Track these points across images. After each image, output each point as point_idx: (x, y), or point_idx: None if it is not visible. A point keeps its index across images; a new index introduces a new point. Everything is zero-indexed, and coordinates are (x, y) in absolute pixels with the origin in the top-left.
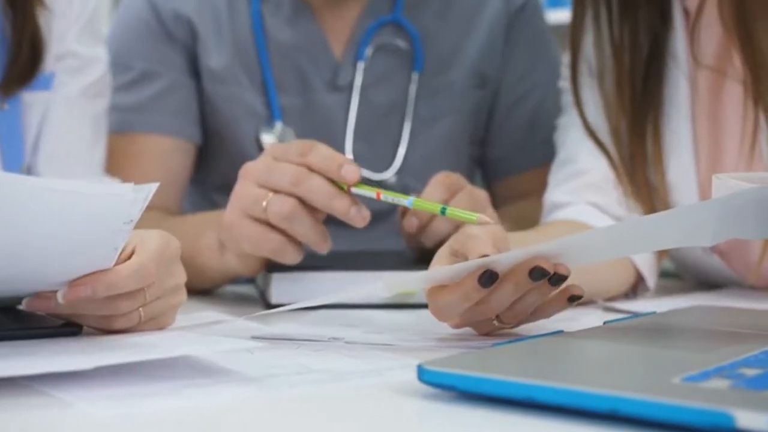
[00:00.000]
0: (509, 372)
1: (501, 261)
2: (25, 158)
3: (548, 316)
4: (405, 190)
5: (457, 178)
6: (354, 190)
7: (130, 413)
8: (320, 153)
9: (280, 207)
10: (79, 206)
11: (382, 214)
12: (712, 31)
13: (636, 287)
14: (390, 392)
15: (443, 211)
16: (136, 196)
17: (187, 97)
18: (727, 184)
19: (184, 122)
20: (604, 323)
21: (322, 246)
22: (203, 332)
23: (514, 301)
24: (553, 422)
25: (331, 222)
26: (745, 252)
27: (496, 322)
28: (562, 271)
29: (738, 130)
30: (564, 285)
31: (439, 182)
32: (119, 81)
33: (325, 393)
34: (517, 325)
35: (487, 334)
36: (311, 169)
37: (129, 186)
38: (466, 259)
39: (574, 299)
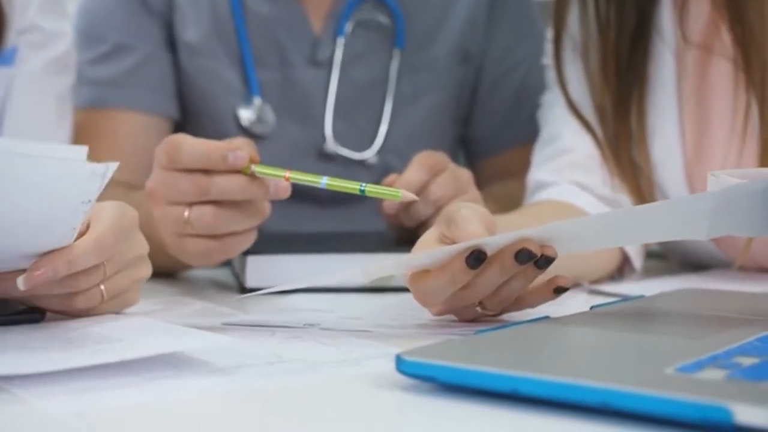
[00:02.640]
0: (492, 362)
1: (488, 243)
2: None
3: (533, 306)
4: (387, 170)
5: (439, 158)
6: (258, 173)
7: (88, 410)
8: (196, 150)
9: (202, 220)
10: (36, 170)
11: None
12: (701, 8)
13: (622, 269)
14: (366, 384)
15: (362, 191)
16: (94, 169)
17: (164, 72)
18: (723, 181)
19: (160, 97)
20: (591, 308)
21: (265, 219)
22: (173, 318)
23: (499, 285)
24: (539, 415)
25: (312, 203)
26: None
27: (479, 309)
28: (549, 253)
29: (726, 108)
30: (552, 274)
31: (421, 162)
32: (92, 54)
33: (297, 385)
34: (501, 313)
35: (470, 321)
36: (207, 171)
37: (83, 150)
38: (453, 243)
39: (561, 291)
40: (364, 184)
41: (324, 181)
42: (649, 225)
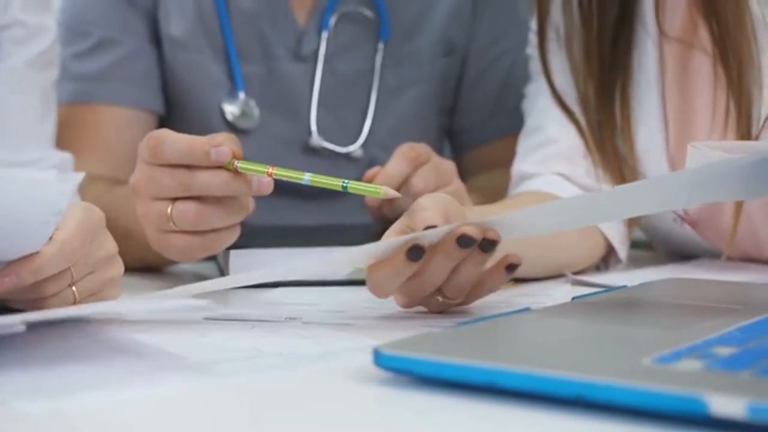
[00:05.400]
0: (469, 355)
1: (427, 236)
2: None
3: (493, 288)
4: (372, 163)
5: (422, 149)
6: (241, 169)
7: (65, 408)
8: (179, 146)
9: (184, 216)
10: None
11: None
12: (678, 2)
13: (607, 259)
14: (345, 377)
15: (344, 187)
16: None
17: (148, 66)
18: (702, 153)
19: (145, 92)
20: (573, 299)
21: (248, 214)
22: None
23: (452, 273)
24: (518, 408)
25: (297, 196)
26: (718, 221)
27: (440, 298)
28: (490, 235)
29: (707, 100)
30: (535, 262)
31: (404, 155)
32: (77, 48)
33: (277, 379)
34: (467, 301)
35: (440, 312)
36: (190, 166)
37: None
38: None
39: (512, 268)
40: (346, 181)
41: (306, 178)
42: (624, 204)
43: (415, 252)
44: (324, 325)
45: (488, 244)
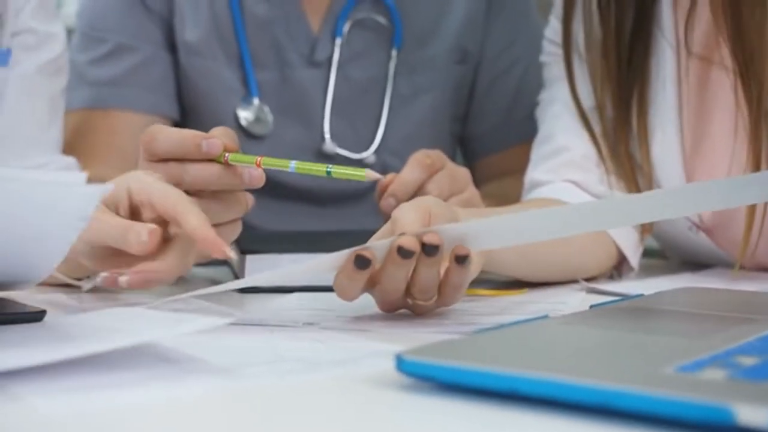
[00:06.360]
0: (493, 362)
1: (376, 246)
2: None
3: (458, 284)
4: (385, 170)
5: (437, 156)
6: (231, 160)
7: (87, 409)
8: (170, 139)
9: None
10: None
11: (361, 194)
12: (699, 17)
13: (620, 267)
14: (366, 383)
15: (329, 173)
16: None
17: (164, 72)
18: None
19: (160, 98)
20: (591, 307)
21: (246, 210)
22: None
23: (412, 277)
24: (539, 415)
25: (312, 202)
26: (733, 229)
27: (410, 301)
28: (429, 240)
29: (725, 112)
30: (549, 266)
31: (418, 161)
32: (93, 54)
33: (298, 384)
34: (446, 301)
35: (423, 314)
36: (181, 159)
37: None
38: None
39: (461, 259)
40: (330, 166)
41: (293, 165)
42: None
43: (361, 261)
44: (341, 331)
45: (431, 249)
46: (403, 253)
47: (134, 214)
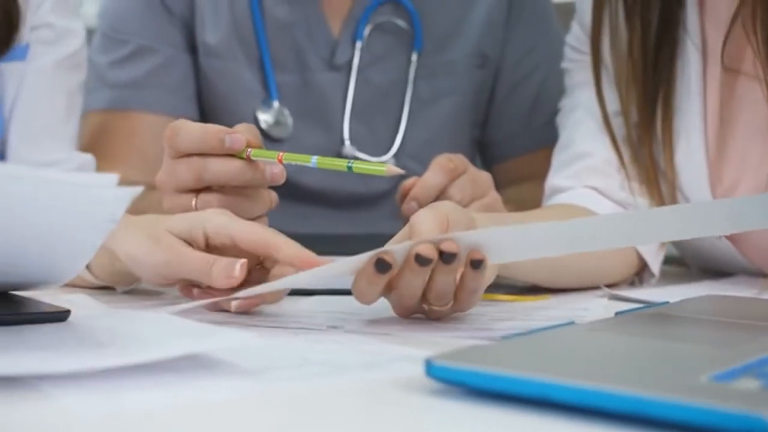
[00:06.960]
0: (524, 368)
1: (395, 250)
2: (3, 130)
3: (474, 288)
4: (404, 174)
5: (459, 161)
6: (253, 156)
7: (118, 411)
8: (193, 134)
9: (207, 208)
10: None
11: (382, 196)
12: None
13: (641, 274)
14: (394, 387)
15: (349, 168)
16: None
17: (184, 74)
18: None
19: (180, 100)
20: (616, 314)
21: (270, 208)
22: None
23: (429, 282)
24: (568, 422)
25: (330, 206)
26: (759, 237)
27: (426, 306)
28: (447, 248)
29: (751, 123)
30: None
31: (441, 166)
32: (114, 56)
33: (326, 388)
34: (462, 306)
35: (439, 320)
36: (202, 154)
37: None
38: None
39: (476, 264)
40: (351, 161)
41: (314, 160)
42: (660, 226)
43: (381, 265)
44: (366, 334)
45: (449, 257)
46: (421, 260)
47: (209, 250)
